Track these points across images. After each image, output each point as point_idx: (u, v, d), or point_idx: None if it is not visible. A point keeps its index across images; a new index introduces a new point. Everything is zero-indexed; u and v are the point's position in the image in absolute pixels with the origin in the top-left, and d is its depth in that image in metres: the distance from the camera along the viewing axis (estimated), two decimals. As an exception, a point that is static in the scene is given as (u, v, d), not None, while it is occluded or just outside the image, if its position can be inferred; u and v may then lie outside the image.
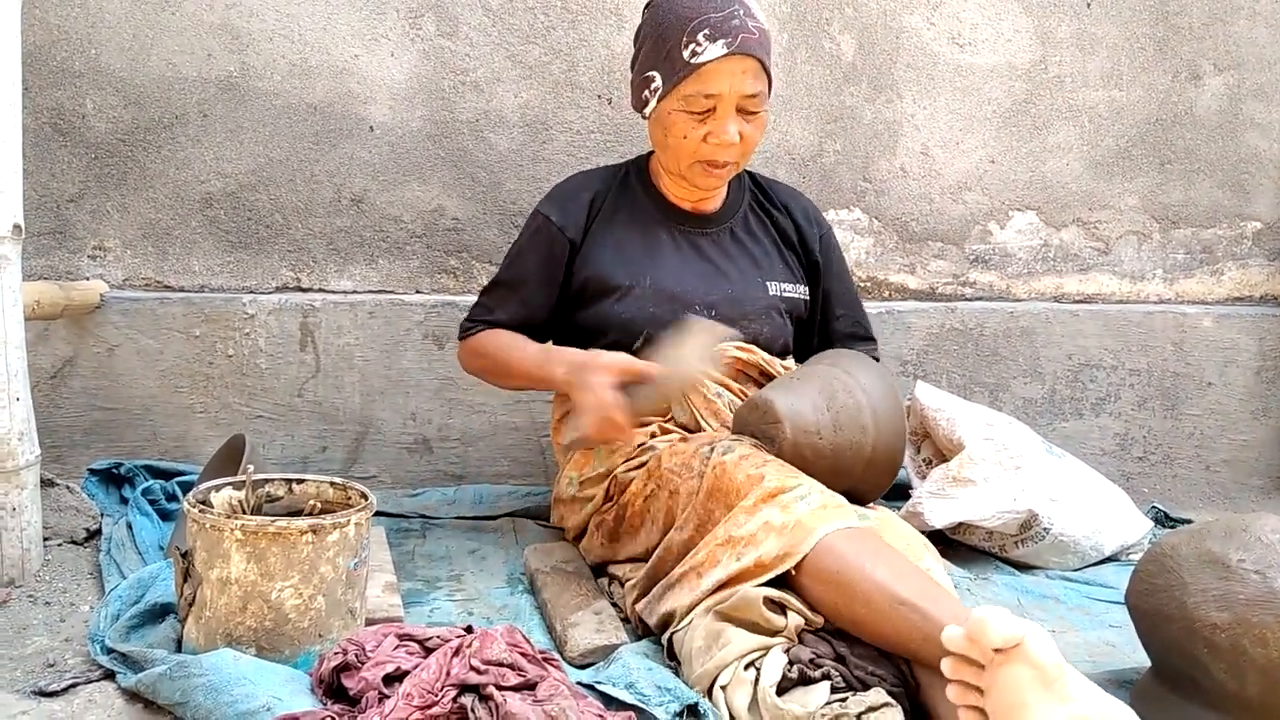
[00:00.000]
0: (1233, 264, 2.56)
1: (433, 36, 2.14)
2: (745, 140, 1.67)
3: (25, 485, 1.58)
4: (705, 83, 1.61)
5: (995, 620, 1.00)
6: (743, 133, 1.65)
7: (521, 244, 1.82)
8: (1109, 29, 2.42)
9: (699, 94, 1.62)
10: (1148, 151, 2.48)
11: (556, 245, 1.78)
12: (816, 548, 1.30)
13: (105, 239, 2.08)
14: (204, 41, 2.05)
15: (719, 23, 1.60)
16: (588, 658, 1.42)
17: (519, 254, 1.82)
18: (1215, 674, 1.25)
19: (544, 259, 1.78)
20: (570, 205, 1.79)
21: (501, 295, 1.81)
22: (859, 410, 1.55)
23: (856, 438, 1.54)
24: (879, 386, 1.58)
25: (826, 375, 1.59)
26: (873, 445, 1.55)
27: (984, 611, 1.02)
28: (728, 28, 1.60)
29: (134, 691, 1.25)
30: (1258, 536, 1.28)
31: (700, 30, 1.60)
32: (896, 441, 1.58)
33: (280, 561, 1.26)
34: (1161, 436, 2.50)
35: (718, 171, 1.70)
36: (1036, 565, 1.94)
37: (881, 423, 1.56)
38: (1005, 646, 1.00)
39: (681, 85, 1.63)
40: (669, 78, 1.64)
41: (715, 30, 1.60)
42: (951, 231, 2.42)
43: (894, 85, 2.35)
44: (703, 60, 1.60)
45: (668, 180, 1.80)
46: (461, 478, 2.20)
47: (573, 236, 1.77)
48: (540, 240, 1.79)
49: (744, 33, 1.60)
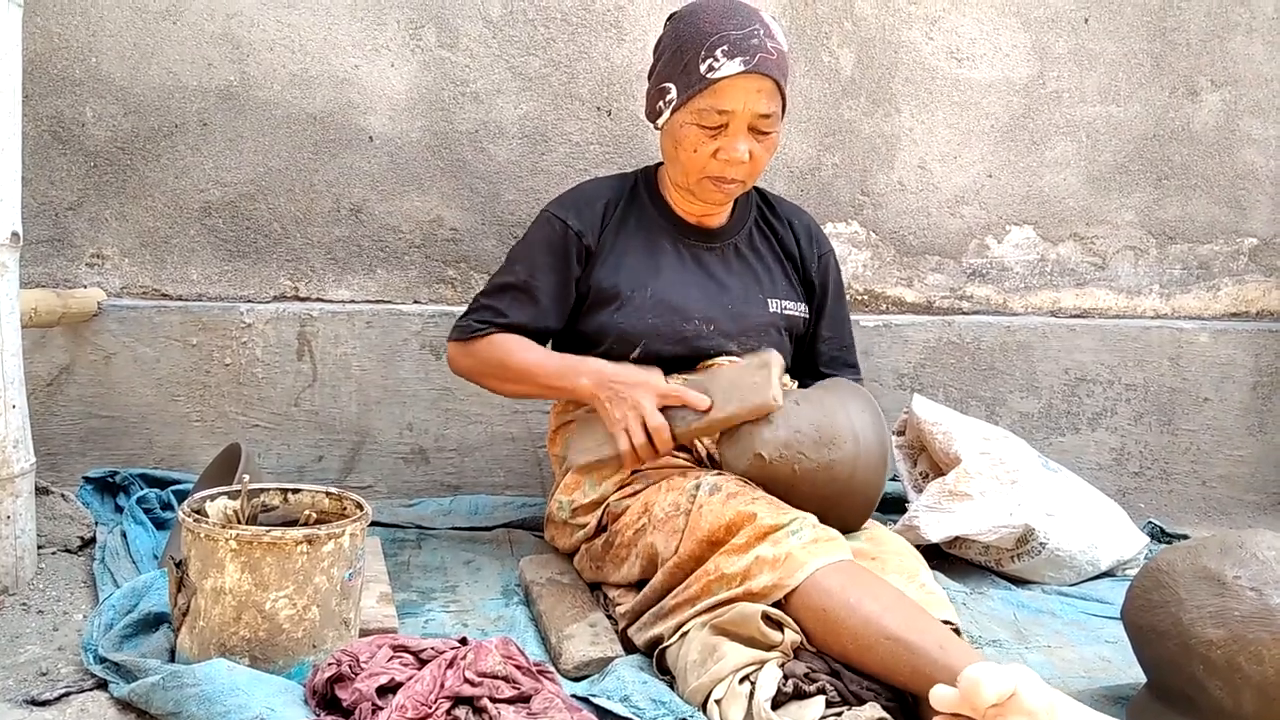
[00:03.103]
0: (1229, 280, 2.57)
1: (433, 47, 2.14)
2: (755, 160, 1.66)
3: (20, 493, 1.58)
4: (719, 98, 1.60)
5: (988, 679, 1.00)
6: (753, 152, 1.64)
7: (534, 248, 1.77)
8: (1106, 45, 2.43)
9: (712, 109, 1.61)
10: (1145, 167, 2.49)
11: (575, 251, 1.75)
12: (805, 583, 1.31)
13: (103, 247, 2.08)
14: (204, 51, 2.06)
15: (738, 40, 1.59)
16: (583, 670, 1.42)
17: (533, 258, 1.76)
18: (1211, 691, 1.24)
19: (561, 264, 1.75)
20: (586, 211, 1.77)
21: (515, 299, 1.75)
22: (842, 447, 1.53)
23: (836, 466, 1.53)
24: (867, 418, 1.57)
25: (816, 398, 1.60)
26: (853, 475, 1.54)
27: (976, 671, 1.02)
28: (746, 46, 1.59)
29: (127, 701, 1.24)
30: (1254, 553, 1.28)
31: (719, 46, 1.59)
32: (876, 476, 1.56)
33: (275, 572, 1.26)
34: (1158, 452, 2.51)
35: (725, 188, 1.69)
36: (1032, 580, 1.94)
37: (864, 454, 1.54)
38: (1000, 702, 1.00)
39: (696, 99, 1.62)
40: (684, 90, 1.63)
41: (734, 48, 1.59)
42: (949, 245, 2.43)
43: (892, 99, 2.36)
44: (719, 76, 1.59)
45: (675, 193, 1.79)
46: (458, 488, 2.20)
47: (590, 243, 1.75)
48: (557, 245, 1.75)
49: (762, 52, 1.59)
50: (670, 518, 1.49)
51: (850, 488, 1.54)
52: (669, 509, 1.51)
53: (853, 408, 1.57)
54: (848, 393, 1.61)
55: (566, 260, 1.75)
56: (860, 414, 1.57)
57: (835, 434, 1.54)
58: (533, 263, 1.76)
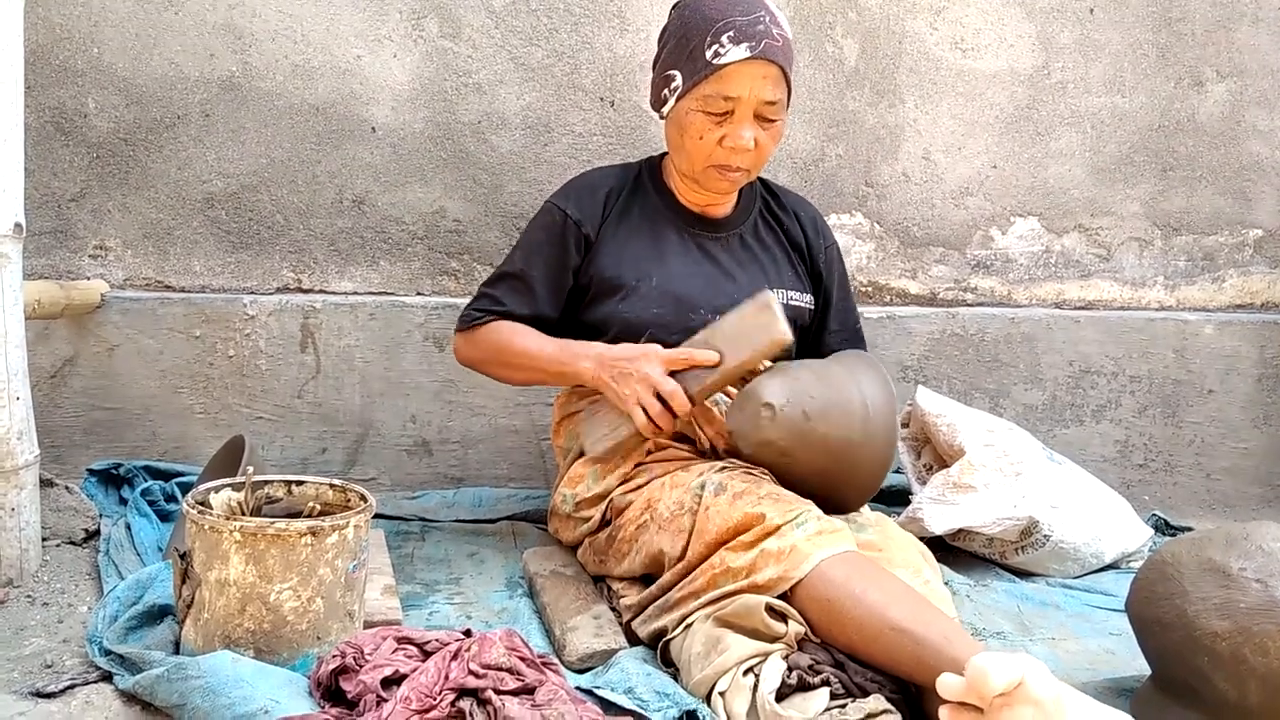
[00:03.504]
0: (1234, 271, 2.56)
1: (435, 38, 2.13)
2: (760, 148, 1.65)
3: (24, 485, 1.58)
4: (725, 84, 1.60)
5: (995, 667, 1.00)
6: (758, 139, 1.64)
7: (533, 237, 1.78)
8: (1112, 35, 2.42)
9: (718, 94, 1.60)
10: (1150, 158, 2.48)
11: (573, 240, 1.74)
12: (810, 574, 1.31)
13: (106, 238, 2.08)
14: (206, 41, 2.05)
15: (744, 26, 1.59)
16: (587, 662, 1.42)
17: (531, 247, 1.77)
18: (1216, 683, 1.24)
19: (559, 254, 1.75)
20: (587, 200, 1.76)
21: (511, 287, 1.76)
22: (850, 405, 1.52)
23: (846, 433, 1.51)
24: (877, 387, 1.56)
25: (821, 368, 1.59)
26: (862, 442, 1.52)
27: (983, 660, 1.02)
28: (753, 32, 1.59)
29: (131, 693, 1.24)
30: (1259, 545, 1.28)
31: (725, 32, 1.59)
32: (888, 446, 1.55)
33: (279, 563, 1.26)
34: (1162, 444, 2.50)
35: (731, 176, 1.68)
36: (1037, 572, 1.94)
37: (874, 422, 1.53)
38: (1007, 691, 1.00)
39: (701, 85, 1.61)
40: (690, 76, 1.63)
41: (740, 34, 1.58)
42: (953, 237, 2.42)
43: (896, 90, 2.35)
44: (725, 61, 1.58)
45: (679, 183, 1.78)
46: (461, 480, 2.20)
47: (589, 232, 1.74)
48: (555, 234, 1.75)
49: (768, 39, 1.59)
50: (675, 517, 1.49)
51: (860, 453, 1.53)
52: (674, 507, 1.50)
53: (862, 374, 1.57)
54: (855, 359, 1.61)
55: (564, 249, 1.74)
56: (870, 379, 1.56)
57: (845, 396, 1.53)
58: (530, 252, 1.77)
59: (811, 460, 1.50)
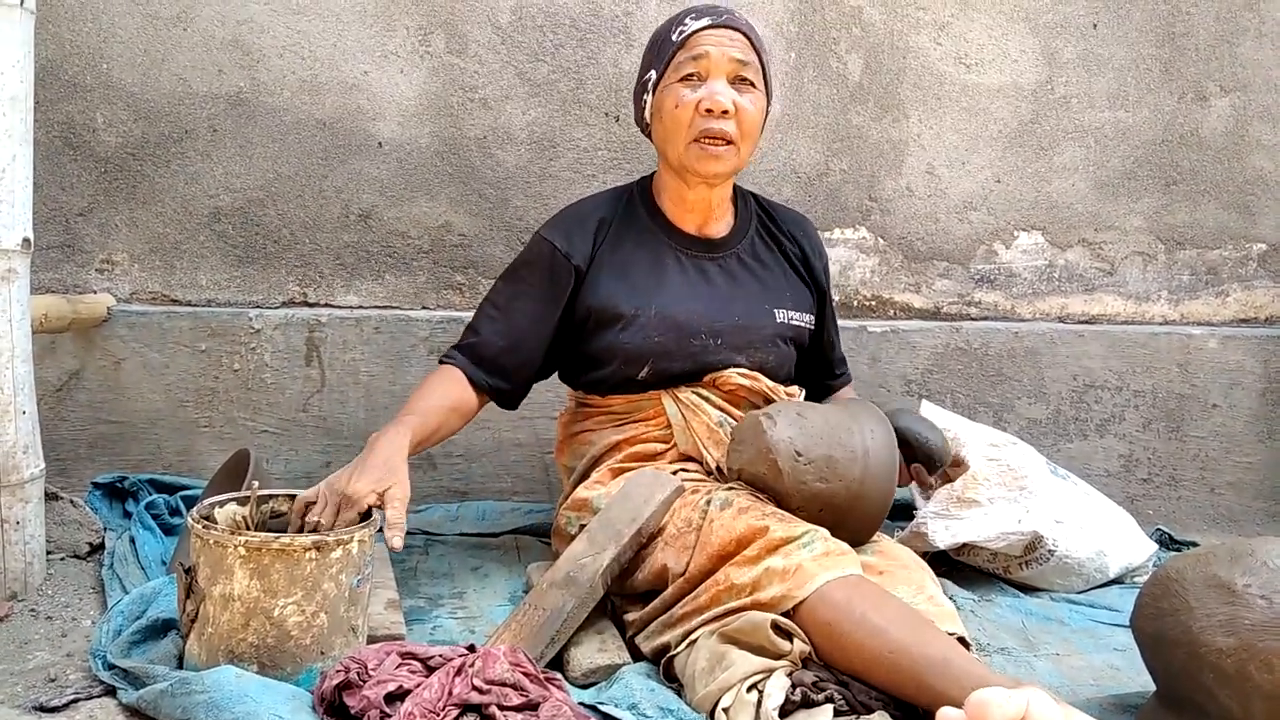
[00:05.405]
0: (1238, 285, 2.56)
1: (442, 54, 2.15)
2: (741, 113, 1.65)
3: (29, 499, 1.58)
4: (692, 48, 1.66)
5: (997, 702, 1.00)
6: (737, 104, 1.65)
7: (519, 269, 1.76)
8: (1115, 50, 2.42)
9: (687, 59, 1.66)
10: (1153, 172, 2.48)
11: (561, 272, 1.72)
12: (812, 596, 1.31)
13: (113, 253, 2.08)
14: (214, 57, 2.06)
15: (705, 8, 1.70)
16: (590, 677, 1.42)
17: (516, 278, 1.75)
18: (1221, 699, 1.24)
19: (545, 286, 1.73)
20: (576, 231, 1.74)
21: (489, 318, 1.74)
22: (853, 455, 1.53)
23: (846, 482, 1.52)
24: (880, 436, 1.57)
25: (823, 410, 1.59)
26: (860, 492, 1.53)
27: (984, 694, 1.01)
28: (713, 10, 1.69)
29: (135, 708, 1.24)
30: (1264, 561, 1.27)
31: (687, 15, 1.70)
32: (886, 487, 1.55)
33: (283, 578, 1.26)
34: (1166, 458, 2.50)
35: (715, 150, 1.65)
36: (1041, 587, 1.94)
37: (873, 471, 1.53)
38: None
39: (672, 61, 1.68)
40: (660, 63, 1.70)
41: (701, 13, 1.69)
42: (957, 251, 2.43)
43: (900, 105, 2.35)
44: (689, 31, 1.67)
45: (672, 203, 1.78)
46: (465, 494, 2.20)
47: (579, 264, 1.72)
48: (542, 266, 1.73)
49: (729, 14, 1.69)
50: (681, 534, 1.49)
51: (860, 497, 1.53)
52: (680, 525, 1.51)
53: (864, 421, 1.57)
54: (859, 407, 1.61)
55: (552, 282, 1.73)
56: (870, 428, 1.56)
57: (847, 443, 1.53)
58: (516, 284, 1.75)
59: (806, 508, 1.50)
